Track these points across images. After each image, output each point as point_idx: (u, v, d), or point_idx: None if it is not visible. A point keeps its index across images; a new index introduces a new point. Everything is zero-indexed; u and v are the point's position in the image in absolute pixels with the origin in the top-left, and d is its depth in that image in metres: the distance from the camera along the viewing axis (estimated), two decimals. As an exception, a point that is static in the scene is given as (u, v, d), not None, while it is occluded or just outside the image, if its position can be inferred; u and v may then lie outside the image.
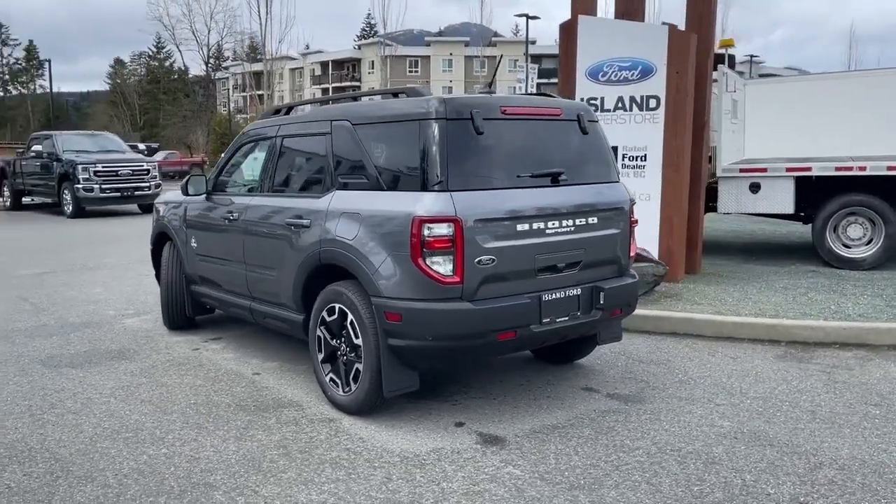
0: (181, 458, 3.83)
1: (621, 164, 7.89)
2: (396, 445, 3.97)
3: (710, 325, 6.18)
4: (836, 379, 5.03)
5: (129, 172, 18.08)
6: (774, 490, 3.42)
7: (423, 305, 3.96)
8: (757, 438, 4.03)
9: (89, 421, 4.36)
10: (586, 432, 4.14)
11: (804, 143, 8.90)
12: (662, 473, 3.60)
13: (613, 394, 4.79)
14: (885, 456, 3.78)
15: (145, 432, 4.18)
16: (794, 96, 9.32)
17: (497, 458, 3.81)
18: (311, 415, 4.43)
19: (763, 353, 5.69)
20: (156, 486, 3.50)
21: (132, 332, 6.52)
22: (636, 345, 5.93)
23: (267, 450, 3.92)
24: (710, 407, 4.53)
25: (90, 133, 22.16)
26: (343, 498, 3.38)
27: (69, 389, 4.93)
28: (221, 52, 79.21)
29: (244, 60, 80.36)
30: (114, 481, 3.56)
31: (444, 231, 3.90)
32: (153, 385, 5.02)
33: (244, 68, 73.66)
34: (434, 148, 4.02)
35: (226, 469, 3.69)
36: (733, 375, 5.13)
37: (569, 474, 3.61)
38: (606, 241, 4.58)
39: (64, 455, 3.87)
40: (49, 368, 5.42)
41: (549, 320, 4.27)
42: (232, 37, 64.25)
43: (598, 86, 7.97)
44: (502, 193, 4.15)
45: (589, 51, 7.98)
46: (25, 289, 8.60)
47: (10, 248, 12.60)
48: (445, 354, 4.14)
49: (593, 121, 4.75)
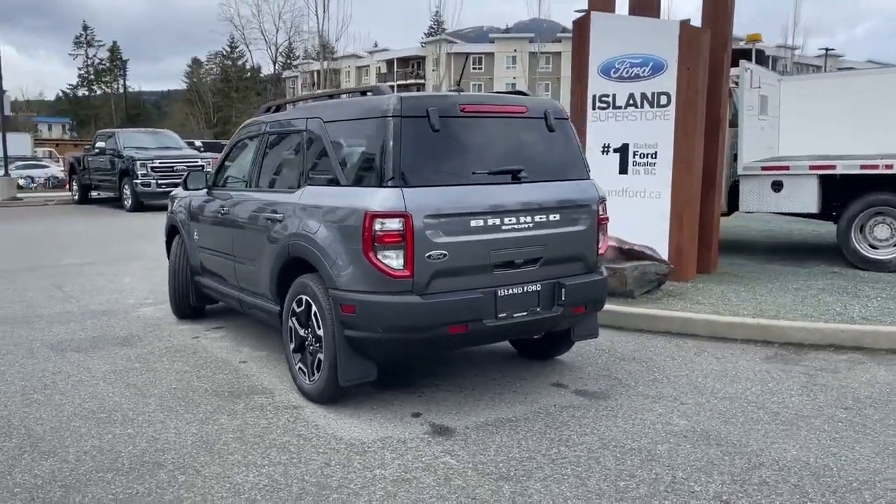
0: (142, 438, 4.05)
1: (632, 162, 7.84)
2: (347, 433, 4.10)
3: (705, 325, 6.10)
4: (816, 381, 4.93)
5: (184, 168, 18.75)
6: (701, 488, 3.41)
7: (374, 298, 4.08)
8: (706, 437, 4.00)
9: (72, 401, 4.64)
10: (537, 426, 4.19)
11: (832, 140, 8.65)
12: (595, 468, 3.63)
13: (581, 390, 4.81)
14: (832, 460, 3.71)
15: (119, 413, 4.43)
16: (826, 92, 9.05)
17: (439, 448, 3.90)
18: (279, 402, 4.60)
19: (752, 353, 5.60)
20: (109, 463, 3.72)
21: (144, 320, 6.85)
22: (624, 343, 5.91)
23: (224, 433, 4.11)
24: (673, 406, 4.50)
25: (150, 130, 23.14)
26: (277, 480, 3.53)
27: (65, 372, 5.25)
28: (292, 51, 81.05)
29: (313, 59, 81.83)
30: (73, 457, 3.80)
31: (395, 226, 4.01)
32: (144, 370, 5.29)
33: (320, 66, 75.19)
34: (389, 145, 4.13)
35: (179, 450, 3.89)
36: (710, 375, 5.07)
37: (503, 466, 3.67)
38: (570, 237, 4.60)
39: (38, 432, 4.15)
40: (55, 352, 5.77)
41: (506, 315, 4.33)
42: (299, 35, 65.44)
43: (610, 82, 7.92)
44: (456, 190, 4.23)
45: (601, 47, 7.94)
46: (63, 278, 9.10)
47: (66, 239, 13.29)
48: (397, 346, 4.24)
49: (562, 118, 4.77)
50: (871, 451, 3.81)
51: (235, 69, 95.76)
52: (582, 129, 8.10)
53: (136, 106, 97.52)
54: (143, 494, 3.39)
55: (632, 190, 7.87)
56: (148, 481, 3.51)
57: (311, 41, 67.98)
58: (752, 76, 8.90)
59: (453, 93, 4.59)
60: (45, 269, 9.78)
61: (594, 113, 8.04)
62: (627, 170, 7.89)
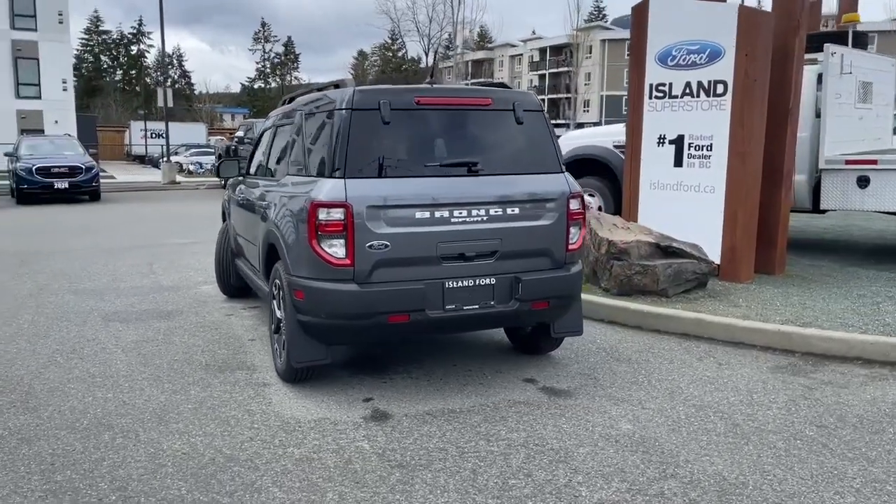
0: (114, 402, 4.47)
1: (687, 154, 7.47)
2: (291, 411, 4.31)
3: (723, 330, 5.75)
4: (811, 396, 4.54)
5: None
6: (588, 493, 3.30)
7: (318, 285, 4.25)
8: (638, 444, 3.83)
9: (83, 366, 5.17)
10: (475, 419, 4.19)
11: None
12: (497, 465, 3.60)
13: (548, 387, 4.73)
14: (756, 478, 3.45)
15: (112, 379, 4.89)
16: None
17: (364, 432, 4.01)
18: (254, 379, 4.89)
19: (763, 362, 5.23)
20: (71, 423, 4.15)
21: (197, 297, 7.42)
22: (631, 342, 5.70)
23: (185, 403, 4.44)
24: (631, 410, 4.33)
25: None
26: (196, 449, 3.79)
27: (97, 340, 5.83)
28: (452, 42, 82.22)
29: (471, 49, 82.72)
30: (46, 415, 4.27)
31: (336, 216, 4.15)
32: (162, 342, 5.77)
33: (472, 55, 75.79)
34: (338, 137, 4.27)
35: (136, 415, 4.26)
36: (697, 382, 4.81)
37: (410, 454, 3.72)
38: (531, 232, 4.52)
39: (36, 390, 4.68)
40: (102, 321, 6.41)
41: (455, 307, 4.35)
42: (451, 27, 66.31)
43: (666, 70, 7.57)
44: (403, 182, 4.29)
45: (659, 34, 7.60)
46: (158, 255, 9.99)
47: (188, 221, 14.50)
48: (340, 332, 4.37)
49: (533, 110, 4.68)
50: (808, 472, 3.50)
51: (396, 60, 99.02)
52: (638, 120, 7.82)
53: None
54: (77, 452, 3.76)
55: (686, 184, 7.50)
56: (88, 441, 3.89)
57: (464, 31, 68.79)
58: (841, 61, 8.15)
59: (426, 86, 4.65)
60: (150, 248, 10.77)
61: (650, 103, 7.71)
62: (682, 162, 7.52)
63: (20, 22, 38.45)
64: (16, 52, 38.31)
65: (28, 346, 5.65)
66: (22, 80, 38.28)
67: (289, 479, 3.46)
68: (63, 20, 39.37)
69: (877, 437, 3.92)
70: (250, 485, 3.40)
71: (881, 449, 3.78)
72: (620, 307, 6.29)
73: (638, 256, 6.67)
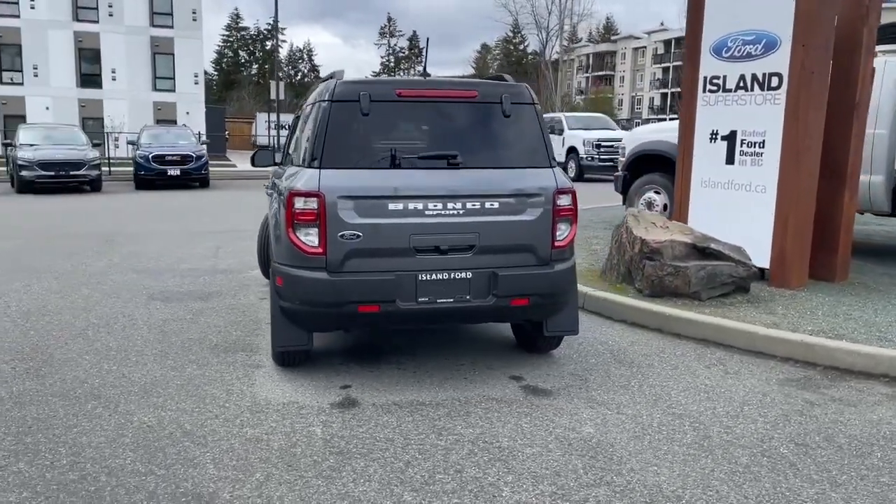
0: (114, 375, 4.76)
1: (739, 151, 7.07)
2: (268, 393, 4.44)
3: (744, 337, 5.42)
4: (810, 413, 4.23)
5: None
6: (510, 493, 3.23)
7: (294, 272, 4.36)
8: (590, 450, 3.70)
9: (107, 340, 5.53)
10: (439, 413, 4.17)
11: None
12: (433, 459, 3.57)
13: (531, 386, 4.63)
14: (696, 492, 3.25)
15: (124, 353, 5.20)
16: None
17: (323, 418, 4.08)
18: (251, 361, 5.07)
19: (776, 374, 4.90)
20: (66, 391, 4.45)
21: (243, 280, 7.75)
22: (642, 345, 5.49)
23: (175, 380, 4.67)
24: (603, 414, 4.18)
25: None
26: (161, 424, 3.97)
27: (133, 316, 6.22)
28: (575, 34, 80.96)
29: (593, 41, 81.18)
30: (50, 382, 4.60)
31: (310, 205, 4.24)
32: (188, 321, 6.08)
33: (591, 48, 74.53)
34: (319, 128, 4.36)
35: (126, 388, 4.52)
36: (690, 390, 4.58)
37: (355, 443, 3.76)
38: (512, 227, 4.43)
39: (55, 360, 5.05)
40: (147, 300, 6.82)
41: (428, 300, 4.34)
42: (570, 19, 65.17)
43: (721, 63, 7.19)
44: (376, 173, 4.32)
45: (715, 24, 7.23)
46: (232, 240, 10.49)
47: (275, 208, 15.10)
48: (314, 319, 4.45)
49: (521, 103, 4.58)
50: (756, 492, 3.27)
51: (517, 54, 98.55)
52: (691, 115, 7.48)
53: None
54: (57, 418, 4.04)
55: (737, 182, 7.11)
56: (71, 409, 4.17)
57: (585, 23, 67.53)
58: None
59: (413, 78, 4.66)
60: (227, 233, 11.32)
61: (704, 97, 7.35)
62: (734, 160, 7.13)
63: (158, 20, 41.23)
64: (154, 48, 41.12)
65: (69, 319, 6.10)
66: (159, 74, 41.11)
67: (228, 457, 3.58)
68: (196, 17, 41.85)
69: (857, 461, 3.61)
70: (190, 460, 3.55)
71: (854, 473, 3.47)
72: (641, 308, 6.05)
73: (671, 257, 6.39)
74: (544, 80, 60.13)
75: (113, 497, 3.19)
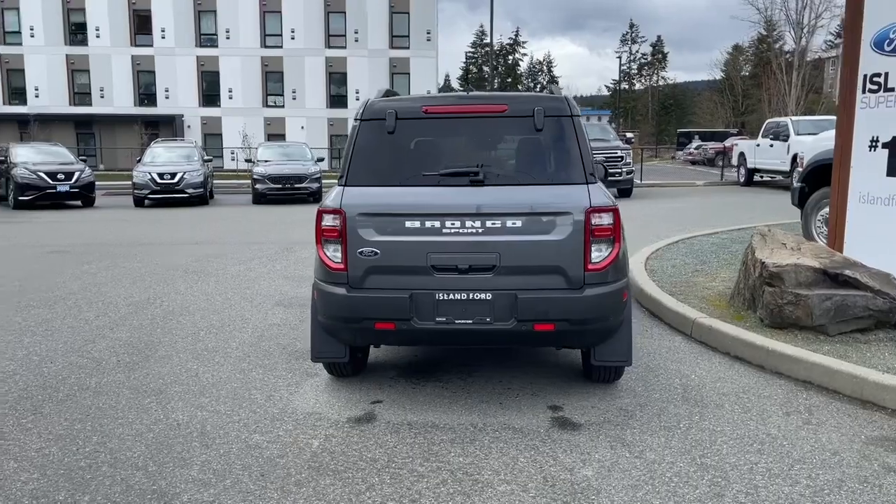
0: (189, 374, 5.18)
1: (899, 161, 6.01)
2: (300, 402, 4.59)
3: (850, 382, 4.58)
4: (874, 483, 3.49)
5: (603, 158, 19.60)
6: (438, 533, 3.05)
7: (322, 286, 4.48)
8: (567, 494, 3.37)
9: (210, 340, 6.03)
10: (442, 438, 4.04)
11: None
12: (400, 486, 3.47)
13: (564, 418, 4.31)
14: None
15: (213, 353, 5.63)
16: None
17: (331, 431, 4.12)
18: (311, 370, 5.24)
19: (870, 429, 4.09)
20: (138, 385, 4.93)
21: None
22: (728, 383, 4.87)
23: (231, 382, 4.97)
24: (618, 457, 3.78)
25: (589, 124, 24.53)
26: (191, 422, 4.27)
27: (249, 320, 6.72)
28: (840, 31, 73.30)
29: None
30: (134, 375, 5.13)
31: (334, 222, 4.34)
32: (290, 328, 6.42)
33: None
34: (348, 146, 4.47)
35: (187, 386, 4.91)
36: (744, 439, 3.97)
37: (339, 459, 3.76)
38: (536, 247, 4.16)
39: (157, 355, 5.60)
40: (273, 306, 7.33)
41: (446, 320, 4.23)
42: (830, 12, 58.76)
43: (883, 58, 6.18)
44: (395, 190, 4.29)
45: (876, 13, 6.23)
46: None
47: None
48: (339, 332, 4.50)
49: (557, 116, 4.28)
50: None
51: (771, 53, 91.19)
52: (848, 120, 6.51)
53: (670, 96, 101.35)
54: (116, 409, 4.50)
55: (899, 198, 6.04)
56: (133, 402, 4.62)
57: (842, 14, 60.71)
58: None
59: (461, 92, 4.56)
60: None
61: (864, 98, 6.35)
62: (896, 172, 6.07)
63: (396, 42, 44.18)
64: (392, 69, 44.11)
65: (198, 319, 6.76)
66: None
67: (217, 461, 3.77)
68: (431, 38, 44.22)
69: (888, 549, 2.91)
70: (182, 460, 3.78)
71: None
72: (743, 340, 5.36)
73: (794, 283, 5.58)
74: (777, 84, 54.77)
75: (97, 485, 3.51)
